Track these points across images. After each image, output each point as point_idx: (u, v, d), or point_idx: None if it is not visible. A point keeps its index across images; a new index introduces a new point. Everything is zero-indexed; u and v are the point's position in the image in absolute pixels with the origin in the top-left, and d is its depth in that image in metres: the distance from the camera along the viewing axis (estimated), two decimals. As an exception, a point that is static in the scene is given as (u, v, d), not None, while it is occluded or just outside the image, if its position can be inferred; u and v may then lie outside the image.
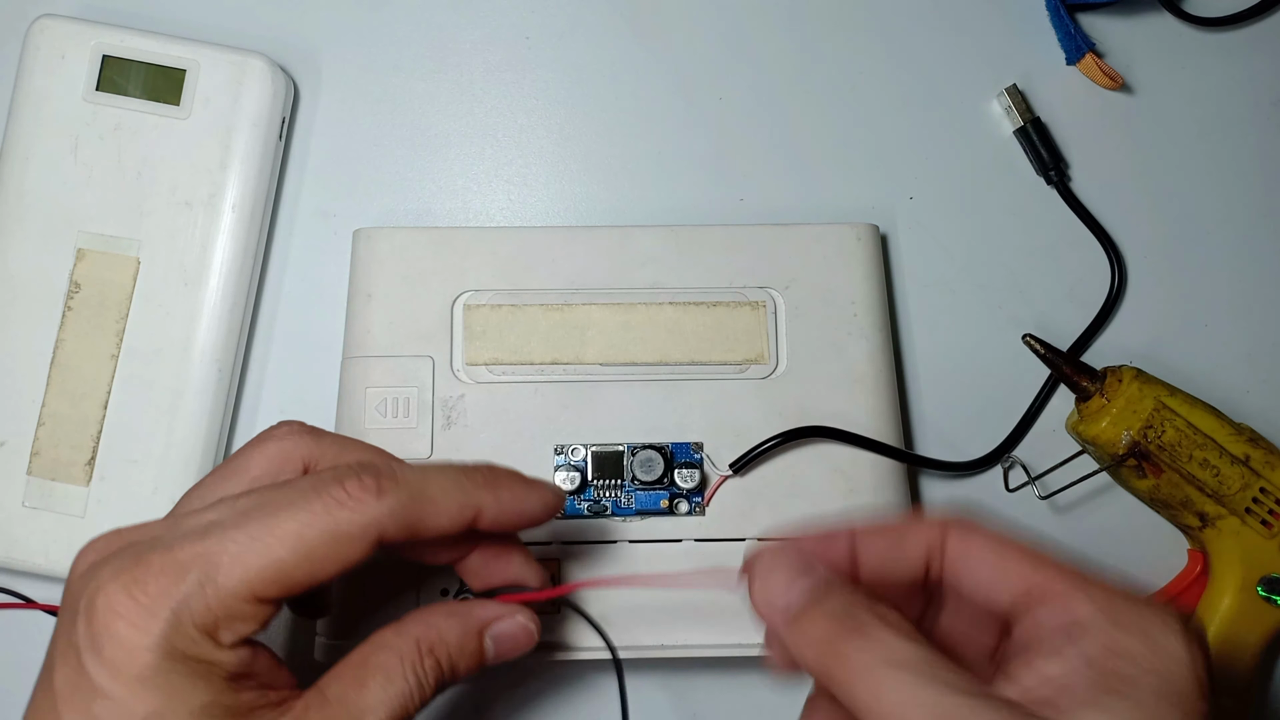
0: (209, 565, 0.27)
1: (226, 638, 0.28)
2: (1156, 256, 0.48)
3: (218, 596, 0.27)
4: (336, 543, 0.28)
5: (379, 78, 0.48)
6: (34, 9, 0.45)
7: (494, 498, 0.31)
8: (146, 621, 0.27)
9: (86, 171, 0.44)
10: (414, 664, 0.30)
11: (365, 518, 0.29)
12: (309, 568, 0.28)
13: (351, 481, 0.29)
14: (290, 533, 0.28)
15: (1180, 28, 0.49)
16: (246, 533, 0.28)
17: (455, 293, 0.42)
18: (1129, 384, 0.43)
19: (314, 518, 0.28)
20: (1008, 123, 0.48)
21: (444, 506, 0.30)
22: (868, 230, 0.44)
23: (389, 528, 0.29)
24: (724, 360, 0.42)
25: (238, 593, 0.28)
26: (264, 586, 0.28)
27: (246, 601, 0.28)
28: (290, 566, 0.28)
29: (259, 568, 0.28)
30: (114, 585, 0.27)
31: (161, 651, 0.27)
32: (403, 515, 0.29)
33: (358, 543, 0.29)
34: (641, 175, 0.47)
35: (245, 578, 0.28)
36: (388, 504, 0.29)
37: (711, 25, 0.48)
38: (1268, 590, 0.42)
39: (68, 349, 0.43)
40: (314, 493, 0.29)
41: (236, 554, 0.28)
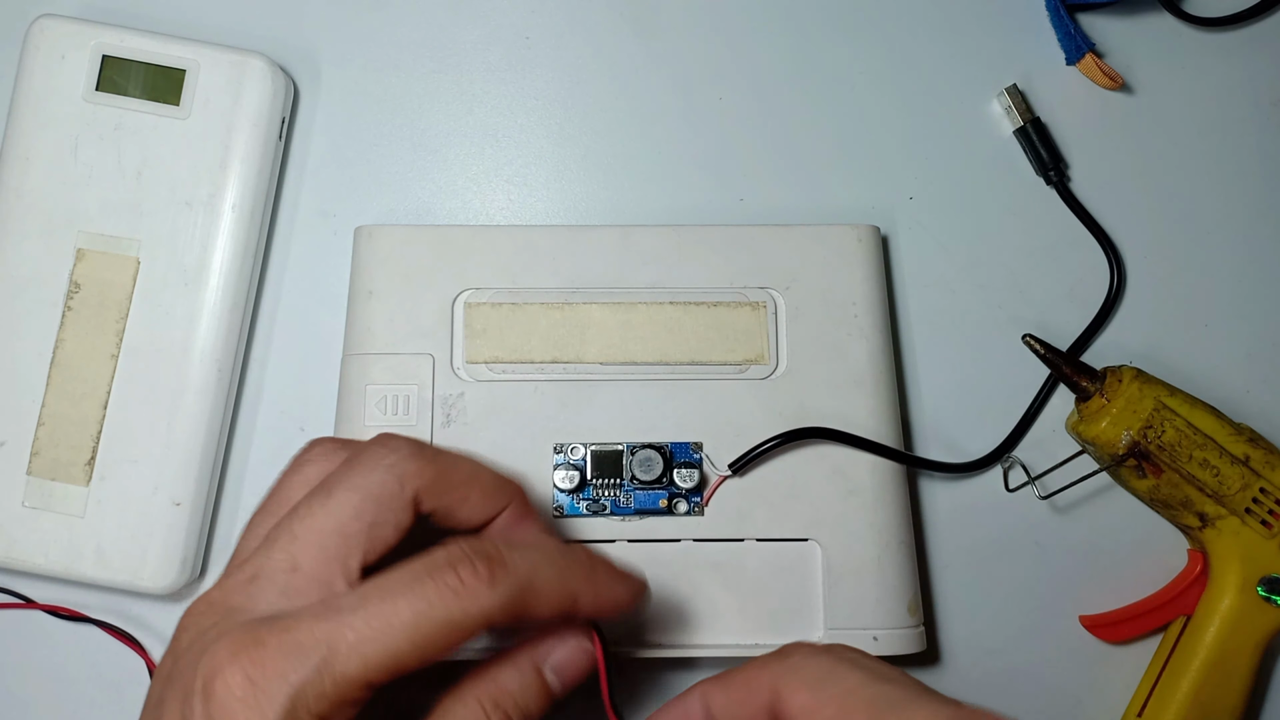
0: (329, 652, 0.27)
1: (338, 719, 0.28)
2: (1156, 256, 0.48)
3: (334, 684, 0.27)
4: (449, 633, 0.28)
5: (379, 78, 0.48)
6: (34, 9, 0.45)
7: (592, 590, 0.31)
8: (265, 706, 0.26)
9: (86, 171, 0.44)
10: None
11: (478, 608, 0.28)
12: (420, 655, 0.28)
13: (465, 568, 0.29)
14: (407, 622, 0.28)
15: (1180, 28, 0.49)
16: (364, 618, 0.28)
17: (456, 291, 0.42)
18: (1129, 384, 0.43)
19: (430, 607, 0.28)
20: (1008, 123, 0.48)
21: (547, 598, 0.30)
22: (868, 231, 0.44)
23: (497, 618, 0.29)
24: (724, 360, 0.42)
25: (355, 681, 0.27)
26: (379, 675, 0.27)
27: (361, 688, 0.27)
28: (405, 655, 0.28)
29: (378, 657, 0.27)
30: (233, 667, 0.27)
31: None
32: (511, 606, 0.29)
33: (468, 633, 0.28)
34: (641, 175, 0.47)
35: (363, 666, 0.27)
36: (499, 595, 0.29)
37: (711, 25, 0.48)
38: (1268, 590, 0.42)
39: (68, 349, 0.43)
40: (430, 579, 0.28)
41: (355, 642, 0.27)
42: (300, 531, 0.30)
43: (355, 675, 0.27)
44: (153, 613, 0.44)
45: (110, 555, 0.42)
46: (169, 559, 0.42)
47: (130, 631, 0.43)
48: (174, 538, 0.42)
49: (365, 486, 0.30)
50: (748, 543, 0.41)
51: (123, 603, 0.44)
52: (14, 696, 0.44)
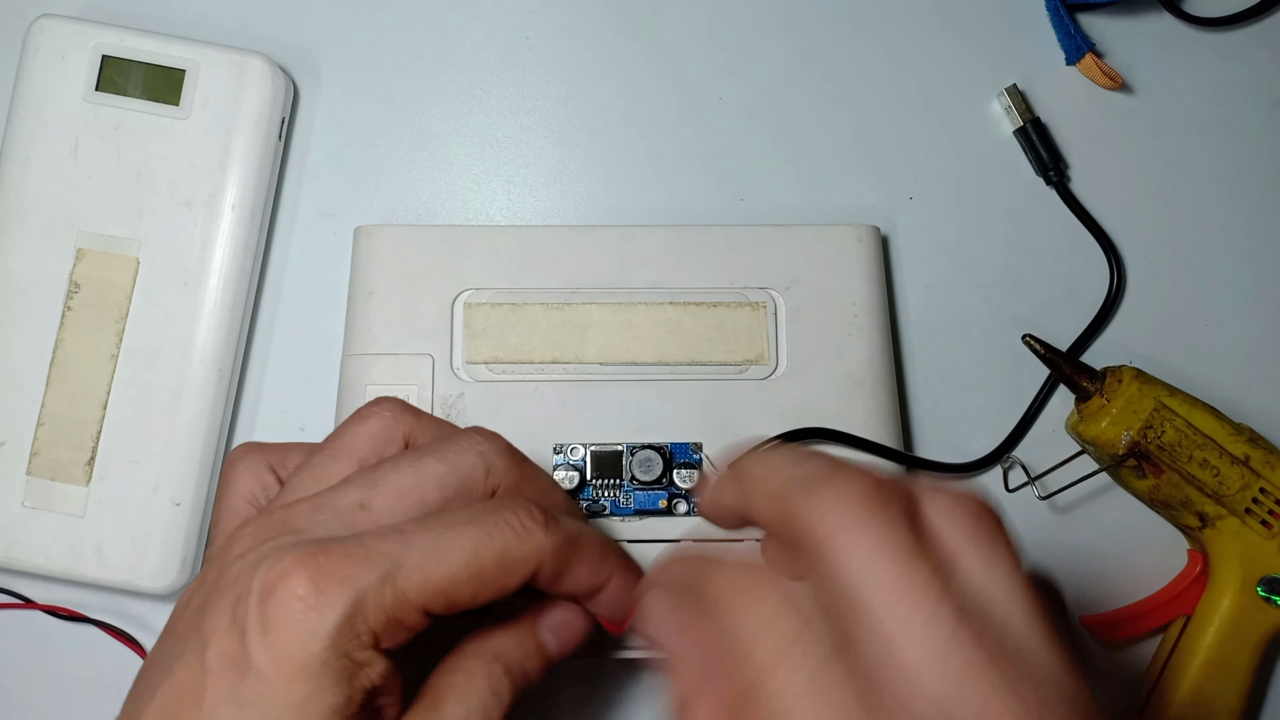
0: (393, 565, 0.27)
1: (386, 642, 0.28)
2: (1156, 256, 0.48)
3: (395, 598, 0.27)
4: (504, 567, 0.29)
5: (379, 78, 0.48)
6: (34, 9, 0.45)
7: (624, 577, 0.32)
8: (325, 609, 0.26)
9: (86, 171, 0.44)
10: (484, 674, 0.30)
11: (532, 548, 0.29)
12: (474, 588, 0.28)
13: (523, 512, 0.30)
14: (468, 548, 0.28)
15: (1180, 28, 0.49)
16: (429, 538, 0.28)
17: (456, 291, 0.42)
18: (1129, 384, 0.43)
19: (490, 539, 0.29)
20: (1008, 123, 0.48)
21: (590, 564, 0.31)
22: (869, 231, 0.44)
23: (546, 564, 0.30)
24: (724, 360, 0.42)
25: (414, 599, 0.27)
26: (435, 598, 0.28)
27: (416, 609, 0.28)
28: (461, 582, 0.28)
29: (438, 577, 0.28)
30: (298, 570, 0.27)
31: (329, 641, 0.26)
32: (559, 555, 0.30)
33: (520, 571, 0.29)
34: (641, 175, 0.47)
35: (425, 585, 0.28)
36: (552, 540, 0.30)
37: (711, 25, 0.48)
38: (1268, 590, 0.42)
39: (68, 349, 0.43)
40: (490, 515, 0.29)
41: (419, 560, 0.28)
42: (380, 480, 0.30)
43: (415, 593, 0.27)
44: (153, 613, 0.44)
45: (110, 555, 0.42)
46: (169, 559, 0.42)
47: (130, 631, 0.43)
48: (174, 538, 0.42)
49: (455, 462, 0.31)
50: (747, 543, 0.41)
51: (123, 603, 0.44)
52: (14, 696, 0.44)
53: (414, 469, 0.30)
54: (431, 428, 0.34)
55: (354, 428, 0.33)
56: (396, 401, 0.34)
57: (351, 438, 0.33)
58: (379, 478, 0.30)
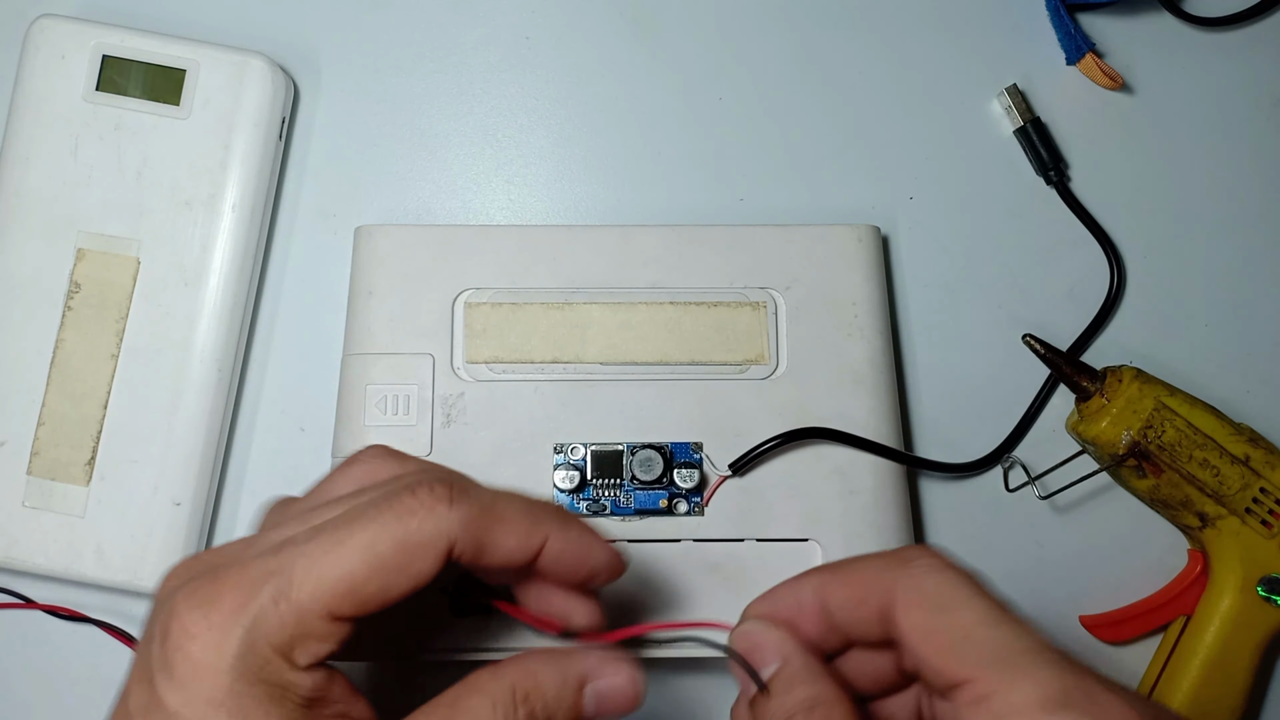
0: (282, 580, 0.27)
1: (301, 658, 0.27)
2: (1156, 256, 0.48)
3: (291, 612, 0.26)
4: (408, 552, 0.27)
5: (379, 78, 0.48)
6: (34, 9, 0.45)
7: (562, 533, 0.30)
8: (220, 641, 0.26)
9: (86, 171, 0.44)
10: (506, 712, 0.28)
11: (436, 527, 0.28)
12: (381, 580, 0.27)
13: (422, 490, 0.28)
14: (361, 544, 0.27)
15: (1180, 28, 0.49)
16: (318, 546, 0.27)
17: (456, 290, 0.42)
18: (1129, 384, 0.43)
19: (384, 527, 0.27)
20: (1008, 123, 0.48)
21: (513, 526, 0.29)
22: (869, 231, 0.44)
23: (460, 539, 0.28)
24: (724, 360, 0.42)
25: (311, 609, 0.27)
26: (337, 602, 0.27)
27: (321, 619, 0.27)
28: (362, 579, 0.27)
29: (332, 580, 0.27)
30: (187, 605, 0.26)
31: (235, 673, 0.26)
32: (473, 528, 0.28)
33: (429, 553, 0.28)
34: (641, 175, 0.47)
35: (318, 592, 0.26)
36: (459, 514, 0.28)
37: (711, 25, 0.48)
38: (1268, 590, 0.42)
39: (68, 349, 0.43)
40: (384, 501, 0.28)
41: (308, 568, 0.27)
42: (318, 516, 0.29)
43: (310, 603, 0.26)
44: (153, 613, 0.44)
45: (110, 555, 0.42)
46: (169, 559, 0.42)
47: (130, 631, 0.43)
48: (174, 538, 0.42)
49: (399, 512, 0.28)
50: (748, 543, 0.41)
51: (123, 603, 0.44)
52: (14, 696, 0.44)
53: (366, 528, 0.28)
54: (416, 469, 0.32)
55: (338, 474, 0.32)
56: (381, 449, 0.33)
57: (331, 484, 0.32)
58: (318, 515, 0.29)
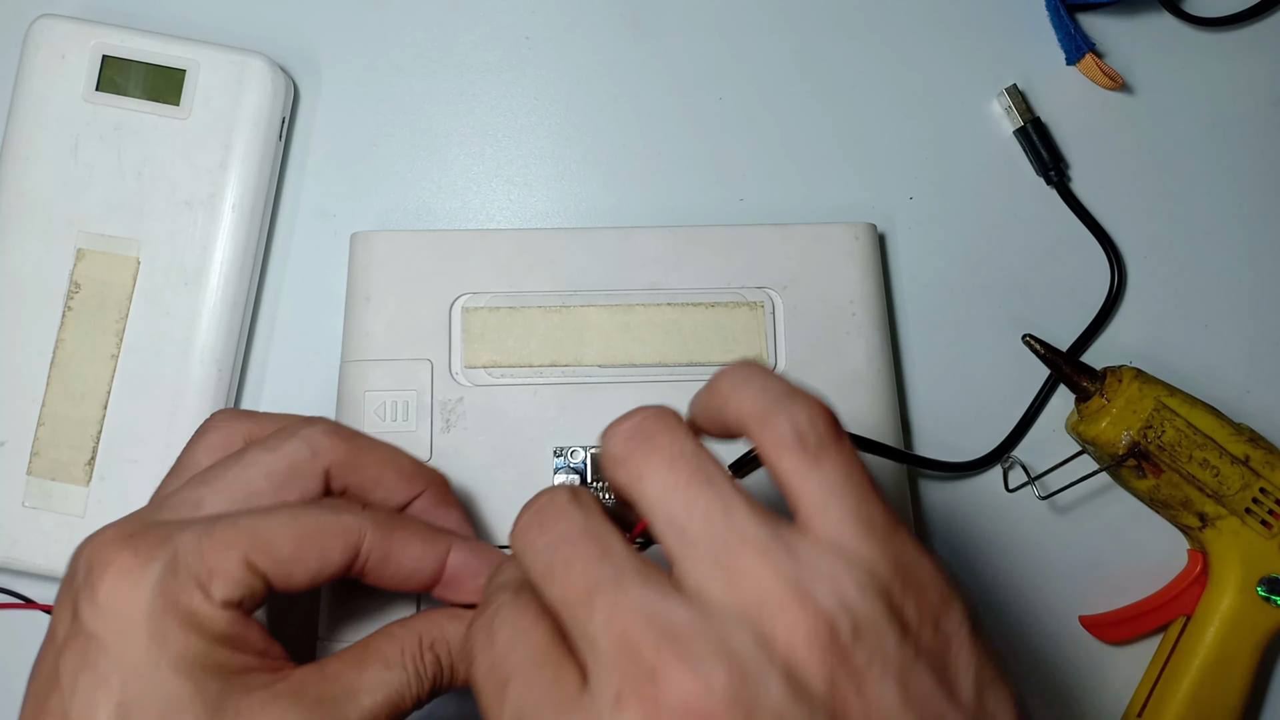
0: (204, 527, 0.29)
1: (218, 592, 0.28)
2: (1156, 256, 0.48)
3: (213, 548, 0.29)
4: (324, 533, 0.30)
5: (379, 78, 0.48)
6: (34, 9, 0.45)
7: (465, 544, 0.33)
8: (142, 567, 0.28)
9: (86, 171, 0.44)
10: (414, 656, 0.31)
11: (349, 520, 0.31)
12: (295, 546, 0.30)
13: (340, 499, 0.32)
14: (285, 514, 0.30)
15: (1180, 28, 0.49)
16: (249, 510, 0.30)
17: (453, 295, 0.42)
18: (1129, 384, 0.43)
19: (306, 512, 0.30)
20: (1008, 123, 0.48)
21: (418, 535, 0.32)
22: (865, 229, 0.44)
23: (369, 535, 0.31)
24: (723, 361, 0.42)
25: (231, 549, 0.29)
26: (255, 551, 0.29)
27: (238, 563, 0.29)
28: (280, 540, 0.29)
29: (251, 528, 0.29)
30: (112, 541, 0.29)
31: (154, 594, 0.28)
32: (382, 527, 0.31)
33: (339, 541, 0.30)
34: (642, 175, 0.47)
35: (238, 536, 0.29)
36: (370, 514, 0.31)
37: (711, 25, 0.48)
38: (1268, 590, 0.42)
39: (68, 349, 0.43)
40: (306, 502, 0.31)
41: (233, 518, 0.29)
42: (212, 478, 0.31)
43: (231, 540, 0.29)
44: (153, 613, 0.44)
45: (110, 555, 0.42)
46: (169, 559, 0.42)
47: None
48: (174, 538, 0.42)
49: (280, 450, 0.32)
50: None
51: (123, 603, 0.44)
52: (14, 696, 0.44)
53: (240, 463, 0.32)
54: (269, 423, 0.34)
55: (193, 445, 0.34)
56: (230, 410, 0.35)
57: (192, 454, 0.34)
58: (210, 476, 0.31)
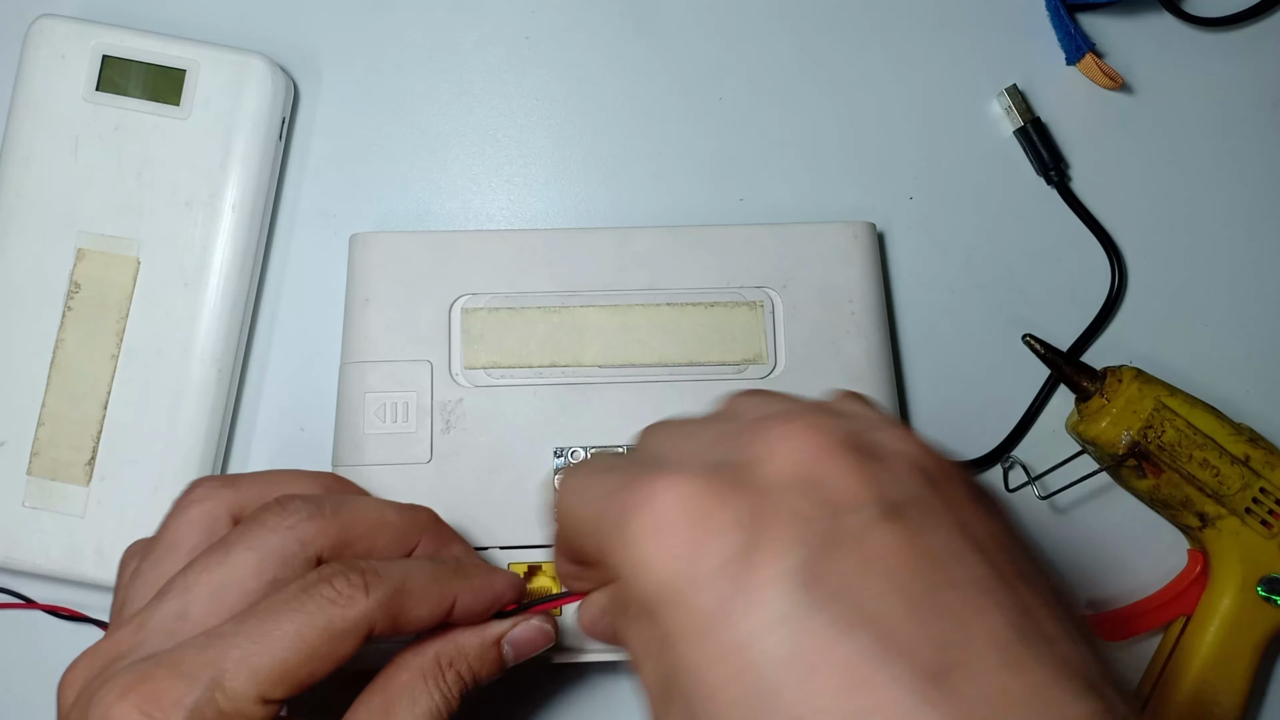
0: (217, 671, 0.28)
1: None
2: (1156, 256, 0.48)
3: (229, 700, 0.28)
4: (333, 640, 0.29)
5: (379, 78, 0.48)
6: (34, 9, 0.45)
7: (468, 585, 0.33)
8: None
9: (86, 171, 0.44)
10: (437, 679, 0.31)
11: (357, 614, 0.30)
12: (310, 666, 0.29)
13: (339, 580, 0.30)
14: (290, 634, 0.29)
15: (1180, 28, 0.49)
16: (248, 638, 0.29)
17: (453, 296, 0.42)
18: (1129, 384, 0.43)
19: (310, 618, 0.29)
20: (1008, 123, 0.48)
21: (424, 599, 0.31)
22: (863, 228, 0.44)
23: (378, 621, 0.30)
24: (722, 360, 0.42)
25: (248, 694, 0.28)
26: (270, 687, 0.28)
27: (255, 703, 0.28)
28: (293, 666, 0.29)
29: (266, 669, 0.28)
30: (124, 704, 0.27)
31: None
32: (389, 608, 0.30)
33: (351, 638, 0.30)
34: (642, 175, 0.47)
35: (254, 680, 0.28)
36: (375, 598, 0.30)
37: (711, 25, 0.48)
38: (1268, 590, 0.42)
39: (68, 349, 0.43)
40: (305, 595, 0.30)
41: (241, 659, 0.28)
42: (194, 584, 0.30)
43: (246, 689, 0.28)
44: (153, 613, 0.44)
45: (110, 555, 0.42)
46: (169, 559, 0.42)
47: (130, 631, 0.43)
48: (174, 538, 0.42)
49: (265, 547, 0.31)
50: None
51: (123, 603, 0.44)
52: (14, 696, 0.44)
53: (225, 566, 0.31)
54: (254, 491, 0.34)
55: (174, 521, 0.33)
56: (212, 480, 0.34)
57: (174, 533, 0.33)
58: (192, 582, 0.30)
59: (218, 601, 0.30)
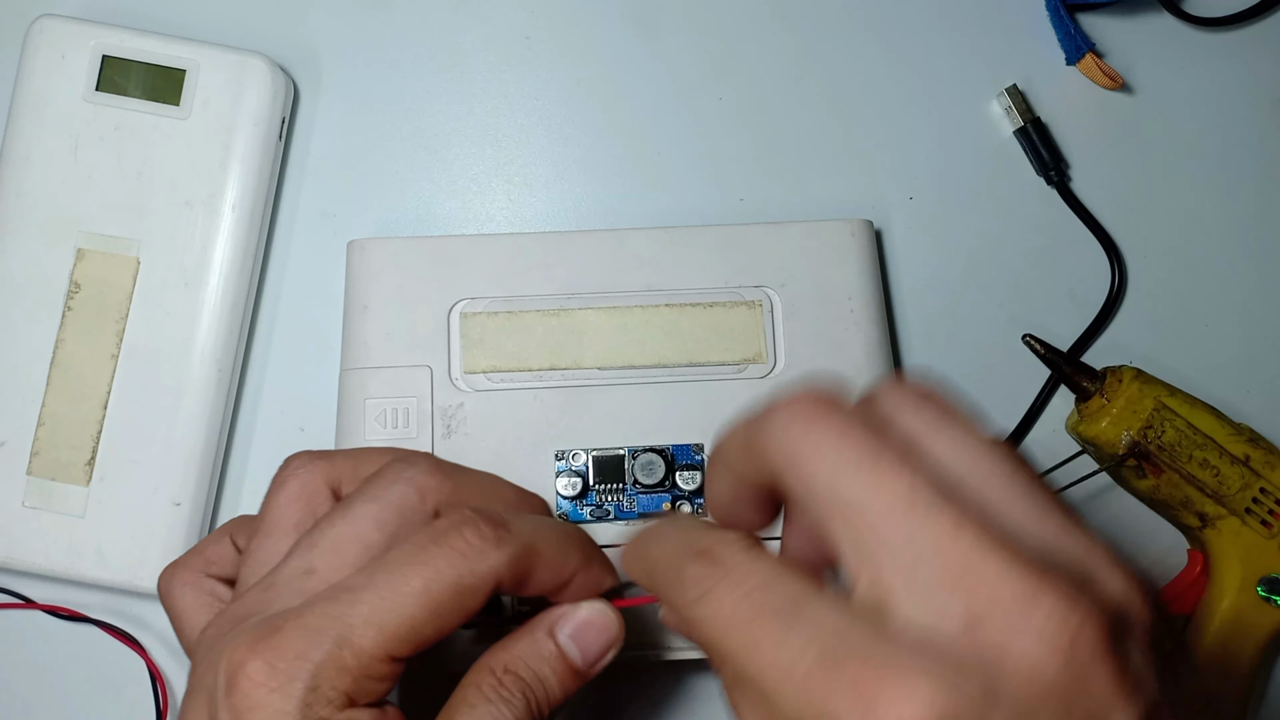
0: (344, 627, 0.27)
1: (362, 698, 0.28)
2: (1156, 256, 0.48)
3: (355, 658, 0.27)
4: (461, 595, 0.28)
5: (379, 78, 0.48)
6: (34, 9, 0.45)
7: (586, 569, 0.31)
8: (287, 687, 0.27)
9: (86, 171, 0.44)
10: (493, 686, 0.30)
11: (486, 567, 0.28)
12: (437, 622, 0.28)
13: (470, 531, 0.29)
14: (418, 589, 0.28)
15: (1180, 28, 0.49)
16: (375, 593, 0.28)
17: (451, 301, 0.42)
18: (1129, 384, 0.43)
19: (439, 572, 0.28)
20: (1008, 123, 0.48)
21: (550, 560, 0.30)
22: (861, 226, 0.44)
23: (506, 577, 0.29)
24: (722, 360, 0.42)
25: (374, 653, 0.27)
26: (398, 645, 0.28)
27: (382, 661, 0.28)
28: (421, 623, 0.28)
29: (394, 626, 0.27)
30: (252, 658, 0.27)
31: (301, 716, 0.27)
32: (517, 566, 0.29)
33: (480, 593, 0.29)
34: (642, 175, 0.47)
35: (381, 638, 0.27)
36: (505, 554, 0.29)
37: (711, 25, 0.48)
38: (1268, 590, 0.42)
39: (68, 349, 0.43)
40: (434, 545, 0.28)
41: (368, 615, 0.27)
42: (319, 540, 0.30)
43: (372, 647, 0.27)
44: (153, 613, 0.44)
45: (110, 555, 0.42)
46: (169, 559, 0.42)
47: (130, 631, 0.43)
48: (174, 538, 0.42)
49: (385, 498, 0.30)
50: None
51: (123, 603, 0.44)
52: (14, 696, 0.44)
53: (346, 520, 0.30)
54: (350, 466, 0.33)
55: (275, 498, 0.33)
56: (305, 454, 0.33)
57: (277, 509, 0.32)
58: (316, 539, 0.30)
59: (340, 556, 0.29)
